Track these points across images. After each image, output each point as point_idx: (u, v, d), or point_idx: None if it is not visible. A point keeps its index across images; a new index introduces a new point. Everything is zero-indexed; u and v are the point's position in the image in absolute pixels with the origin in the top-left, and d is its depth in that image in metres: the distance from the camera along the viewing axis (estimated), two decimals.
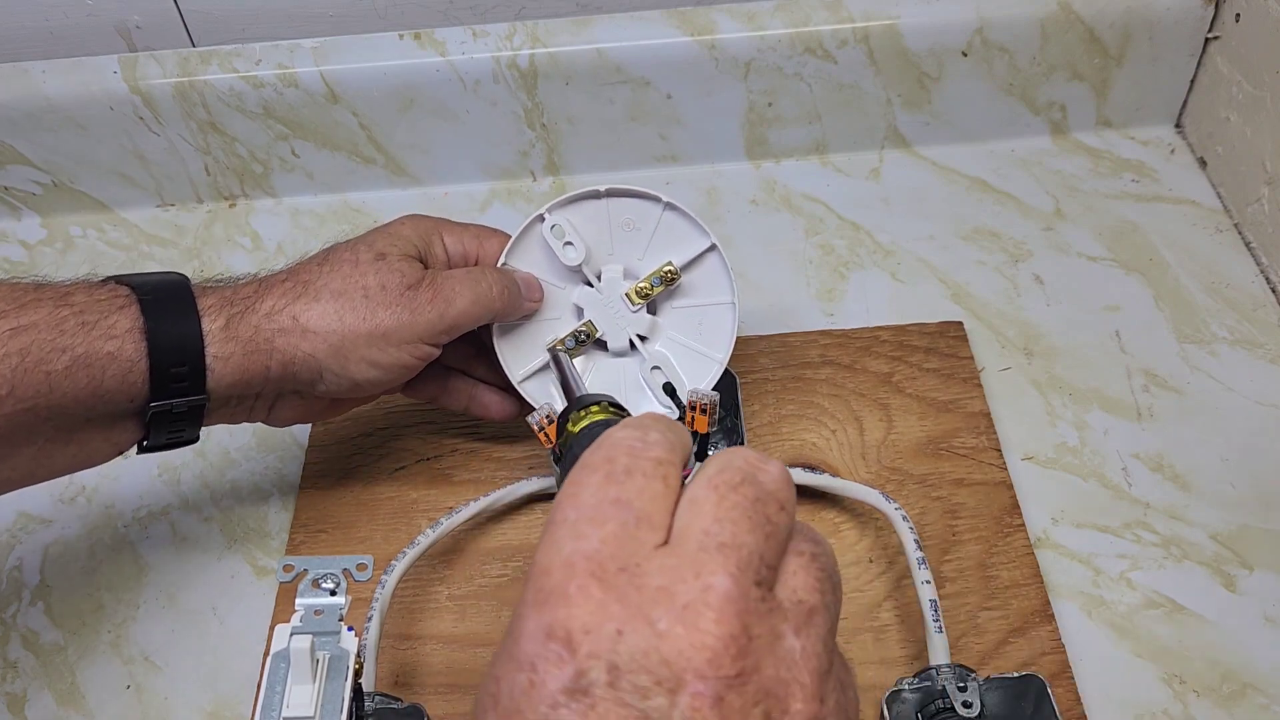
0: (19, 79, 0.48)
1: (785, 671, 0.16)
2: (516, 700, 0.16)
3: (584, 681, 0.15)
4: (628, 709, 0.15)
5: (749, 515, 0.18)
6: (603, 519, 0.17)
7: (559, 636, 0.16)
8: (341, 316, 0.32)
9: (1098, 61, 0.48)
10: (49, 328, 0.29)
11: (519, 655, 0.16)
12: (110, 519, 0.40)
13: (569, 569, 0.17)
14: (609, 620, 0.16)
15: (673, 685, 0.15)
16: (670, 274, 0.35)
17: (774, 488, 0.19)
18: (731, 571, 0.16)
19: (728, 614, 0.16)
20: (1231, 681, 0.33)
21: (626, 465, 0.18)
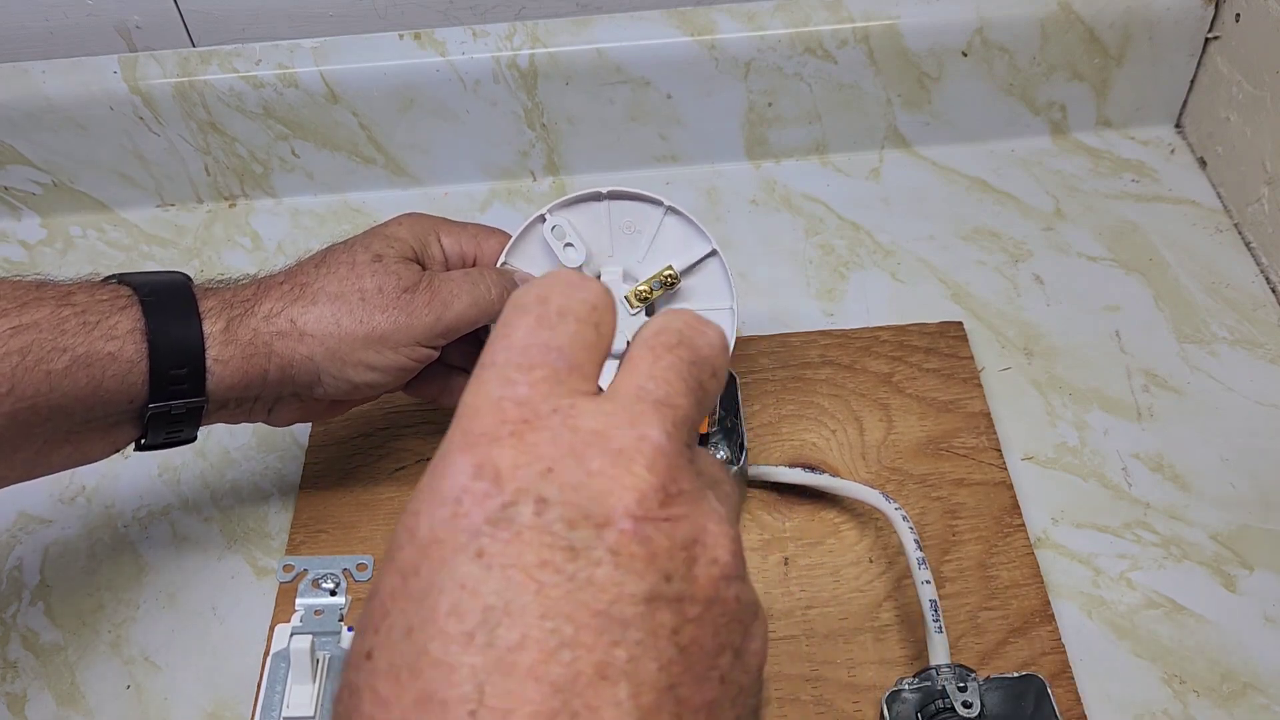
0: (19, 79, 0.48)
1: (713, 524, 0.16)
2: (437, 531, 0.15)
3: (510, 512, 0.15)
4: (553, 537, 0.15)
5: (683, 377, 0.18)
6: (532, 364, 0.17)
7: (487, 474, 0.15)
8: (338, 320, 0.32)
9: (1098, 61, 0.48)
10: (50, 327, 0.29)
11: (443, 490, 0.16)
12: (110, 519, 0.40)
13: (498, 411, 0.16)
14: (539, 459, 0.16)
15: (600, 520, 0.15)
16: (670, 278, 0.35)
17: (709, 353, 0.18)
18: (666, 428, 0.16)
19: (659, 465, 0.16)
20: (1231, 681, 0.33)
21: (560, 307, 0.18)
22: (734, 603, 0.16)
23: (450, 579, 0.15)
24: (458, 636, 0.14)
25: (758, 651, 0.17)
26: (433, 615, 0.15)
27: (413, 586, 0.15)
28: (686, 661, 0.15)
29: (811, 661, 0.34)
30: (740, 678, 0.16)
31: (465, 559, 0.15)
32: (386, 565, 0.16)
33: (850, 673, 0.33)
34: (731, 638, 0.16)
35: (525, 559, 0.15)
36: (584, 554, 0.15)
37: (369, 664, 0.15)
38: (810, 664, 0.34)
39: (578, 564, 0.15)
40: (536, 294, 0.18)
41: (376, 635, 0.15)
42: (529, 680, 0.14)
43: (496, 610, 0.14)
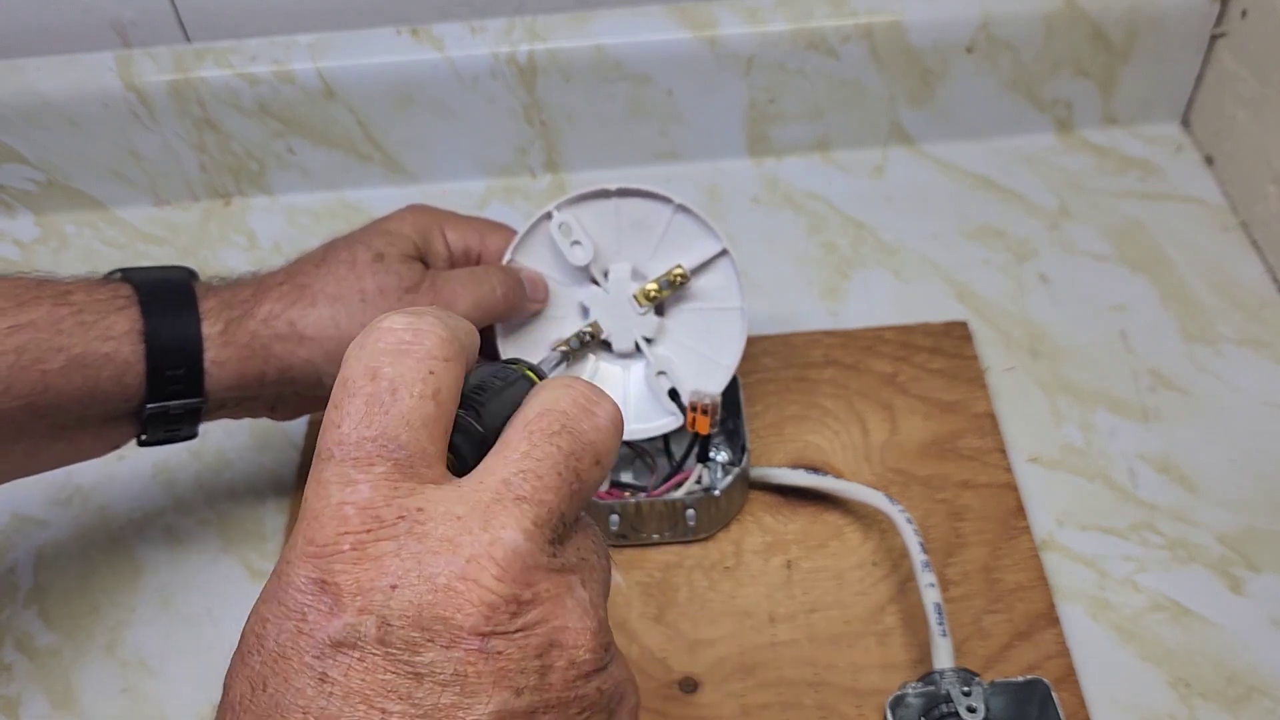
0: (13, 76, 0.47)
1: (574, 621, 0.16)
2: (284, 645, 0.15)
3: (353, 635, 0.15)
4: (397, 664, 0.14)
5: (558, 470, 0.17)
6: (369, 459, 0.16)
7: (330, 590, 0.15)
8: (337, 322, 0.31)
9: (1103, 58, 0.48)
10: (47, 326, 0.29)
11: (288, 602, 0.15)
12: (105, 521, 0.40)
13: (340, 521, 0.15)
14: (383, 575, 0.15)
15: (446, 641, 0.15)
16: (680, 278, 0.35)
17: (594, 438, 0.17)
18: (525, 527, 0.16)
19: (513, 569, 0.15)
20: (1237, 685, 0.33)
21: (391, 380, 0.16)
22: (594, 695, 0.16)
23: (295, 702, 0.15)
24: None
25: None
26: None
27: (259, 702, 0.15)
28: None
29: (814, 666, 0.33)
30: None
31: (309, 681, 0.15)
32: (238, 671, 0.16)
33: (853, 677, 0.33)
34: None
35: (368, 686, 0.14)
36: (429, 678, 0.14)
37: None
38: (813, 668, 0.33)
39: (423, 690, 0.14)
40: (365, 366, 0.17)
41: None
42: None
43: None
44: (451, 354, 0.17)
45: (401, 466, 0.16)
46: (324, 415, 0.17)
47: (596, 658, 0.16)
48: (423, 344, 0.17)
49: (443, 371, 0.17)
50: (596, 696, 0.16)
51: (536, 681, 0.15)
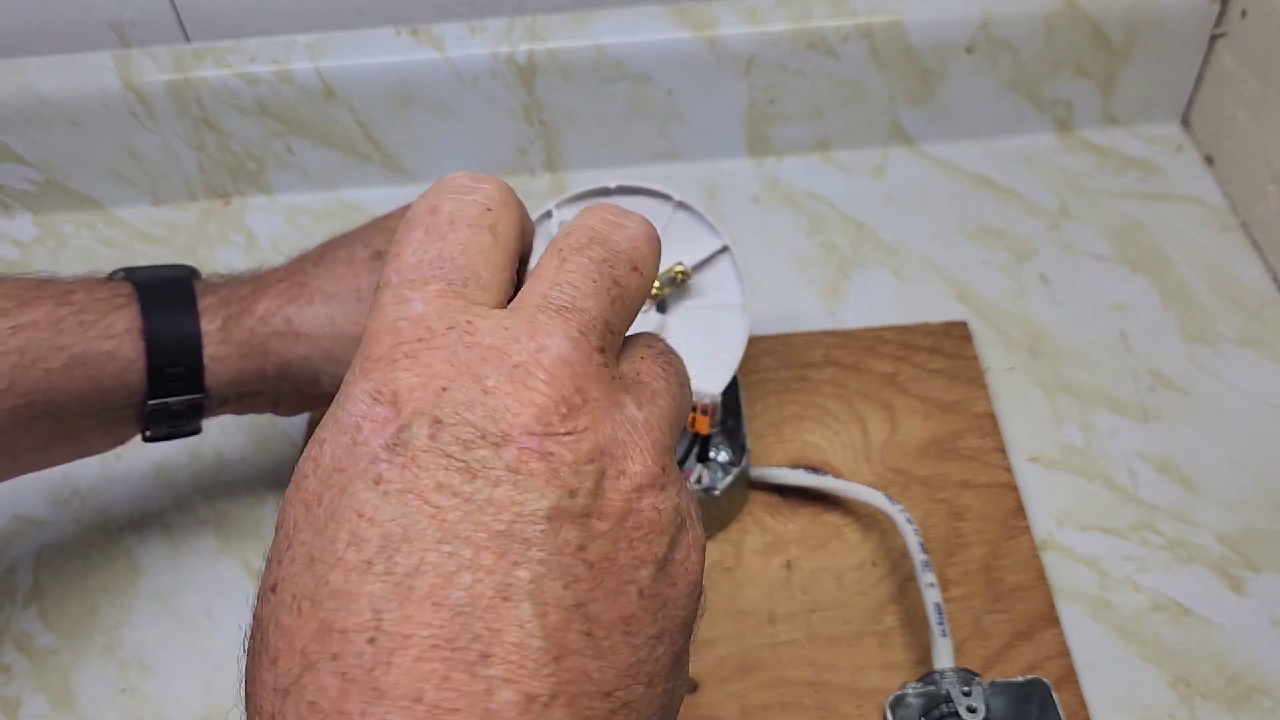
0: (12, 76, 0.47)
1: (624, 434, 0.16)
2: (339, 459, 0.15)
3: (405, 435, 0.15)
4: (449, 460, 0.14)
5: (593, 277, 0.17)
6: (425, 279, 0.16)
7: (384, 399, 0.15)
8: (333, 320, 0.31)
9: (1103, 58, 0.48)
10: (48, 326, 0.29)
11: (344, 419, 0.15)
12: (104, 521, 0.40)
13: (395, 334, 0.16)
14: (435, 378, 0.15)
15: (497, 439, 0.15)
16: (680, 274, 0.35)
17: (626, 246, 0.18)
18: (571, 335, 0.16)
19: (561, 375, 0.15)
20: (1238, 685, 0.33)
21: (450, 214, 0.17)
22: (651, 513, 0.16)
23: (349, 507, 0.15)
24: (356, 565, 0.14)
25: (684, 562, 0.16)
26: (332, 545, 0.14)
27: (315, 516, 0.15)
28: (596, 578, 0.15)
29: (814, 666, 0.33)
30: (664, 590, 0.16)
31: (364, 486, 0.15)
32: (292, 496, 0.16)
33: (854, 677, 0.33)
34: (651, 550, 0.15)
35: (421, 483, 0.14)
36: (482, 474, 0.14)
37: (274, 597, 0.15)
38: (813, 668, 0.33)
39: (475, 485, 0.14)
40: (427, 204, 0.17)
41: (280, 567, 0.15)
42: (426, 605, 0.14)
43: (395, 537, 0.14)
44: (510, 200, 0.18)
45: (455, 285, 0.16)
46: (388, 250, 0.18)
47: (649, 474, 0.16)
48: (482, 187, 0.18)
49: (500, 211, 0.17)
50: (654, 515, 0.16)
51: (591, 485, 0.15)
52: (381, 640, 0.13)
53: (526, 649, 0.14)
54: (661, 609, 0.16)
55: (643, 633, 0.15)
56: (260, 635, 0.15)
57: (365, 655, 0.13)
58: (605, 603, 0.15)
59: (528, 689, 0.14)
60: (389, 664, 0.13)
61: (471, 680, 0.13)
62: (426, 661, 0.13)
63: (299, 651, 0.14)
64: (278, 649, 0.14)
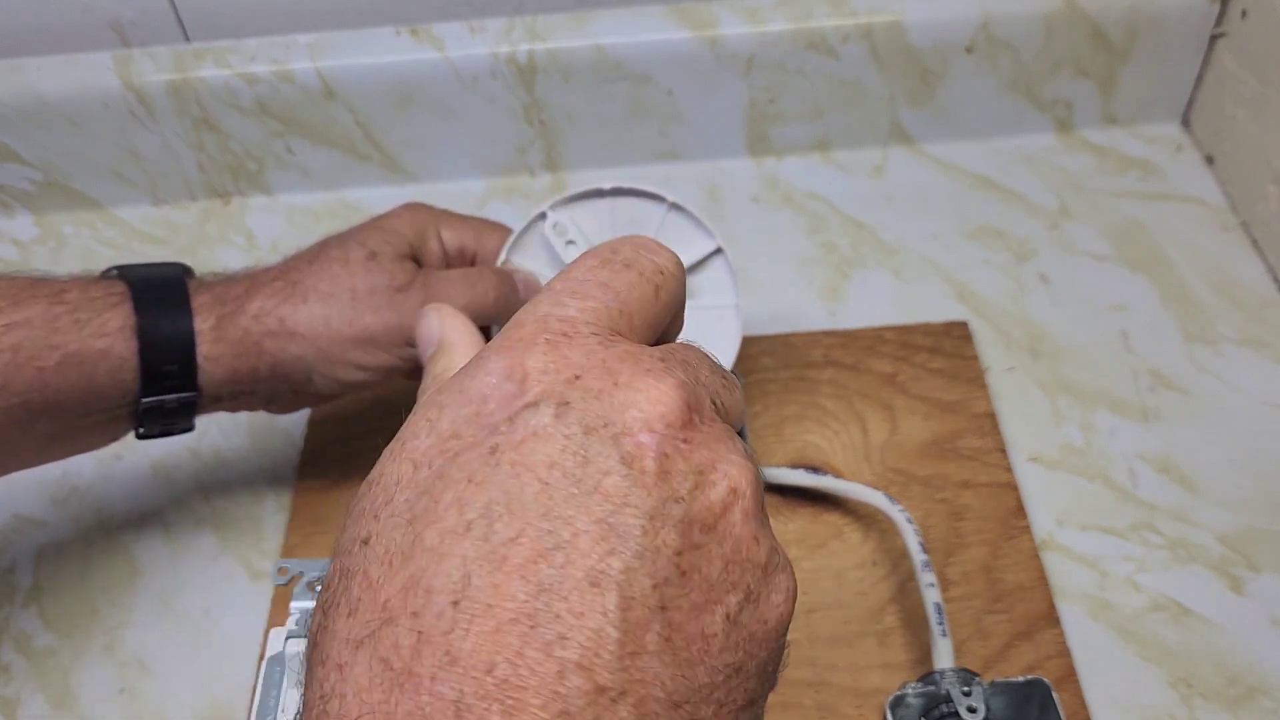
0: (12, 75, 0.47)
1: (737, 458, 0.16)
2: (458, 426, 0.15)
3: (529, 412, 0.15)
4: (568, 441, 0.15)
5: (709, 364, 0.18)
6: (586, 294, 0.17)
7: (516, 375, 0.15)
8: (328, 320, 0.31)
9: (1103, 58, 0.48)
10: (42, 325, 0.29)
11: (470, 389, 0.16)
12: (103, 520, 0.40)
13: (542, 325, 0.16)
14: (569, 366, 0.16)
15: (618, 430, 0.15)
16: None
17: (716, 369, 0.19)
18: (690, 381, 0.17)
19: (687, 391, 0.16)
20: (1238, 685, 0.33)
21: (626, 259, 0.18)
22: (749, 541, 0.16)
23: (460, 472, 0.15)
24: (455, 526, 0.14)
25: (776, 605, 0.16)
26: (435, 504, 0.14)
27: (421, 477, 0.15)
28: (686, 585, 0.15)
29: (815, 666, 0.33)
30: (750, 624, 0.15)
31: (478, 455, 0.15)
32: (395, 453, 0.16)
33: (854, 677, 0.33)
34: (744, 578, 0.15)
35: (536, 459, 0.14)
36: (595, 462, 0.15)
37: (365, 549, 0.15)
38: (813, 668, 0.33)
39: (587, 470, 0.15)
40: (609, 245, 0.18)
41: (376, 521, 0.15)
42: (515, 576, 0.14)
43: (498, 505, 0.14)
44: (680, 276, 0.19)
45: (610, 311, 0.17)
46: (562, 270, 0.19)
47: (755, 506, 0.16)
48: (663, 253, 0.19)
49: (670, 279, 0.18)
50: (750, 545, 0.16)
51: (697, 495, 0.15)
52: (465, 604, 0.13)
53: (604, 638, 0.14)
54: (744, 642, 0.15)
55: (721, 658, 0.15)
56: (344, 585, 0.15)
57: (445, 617, 0.13)
58: (690, 614, 0.15)
59: (599, 679, 0.13)
60: (468, 630, 0.13)
61: (545, 659, 0.13)
62: (504, 634, 0.13)
63: (381, 604, 0.14)
64: (359, 600, 0.14)
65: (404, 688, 0.13)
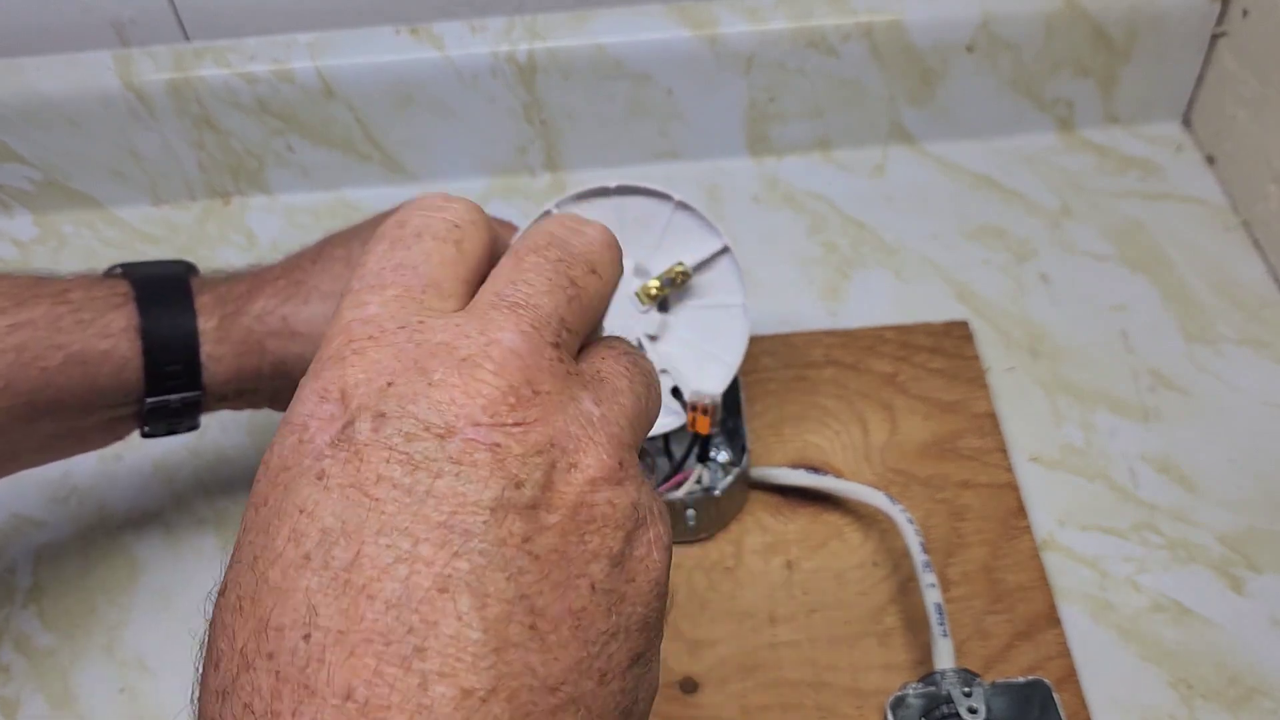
0: (12, 75, 0.47)
1: (577, 428, 0.15)
2: (285, 458, 0.15)
3: (349, 431, 0.15)
4: (391, 452, 0.14)
5: (548, 276, 0.17)
6: (384, 284, 0.16)
7: (331, 396, 0.15)
8: (330, 319, 0.31)
9: (1104, 58, 0.48)
10: (45, 325, 0.29)
11: (292, 419, 0.15)
12: (103, 520, 0.40)
13: (346, 334, 0.16)
14: (381, 374, 0.15)
15: (442, 430, 0.14)
16: (680, 275, 0.35)
17: (584, 249, 0.18)
18: (523, 329, 0.16)
19: (510, 367, 0.15)
20: (1238, 686, 0.33)
21: (417, 227, 0.17)
22: (605, 507, 0.15)
23: (292, 504, 0.14)
24: (295, 560, 0.14)
25: (645, 559, 0.16)
26: (273, 542, 0.14)
27: (261, 517, 0.15)
28: (543, 570, 0.14)
29: (815, 666, 0.33)
30: (621, 586, 0.15)
31: (306, 483, 0.15)
32: (249, 500, 0.16)
33: (854, 678, 0.33)
34: (605, 545, 0.15)
35: (363, 476, 0.14)
36: (424, 466, 0.14)
37: (222, 599, 0.15)
38: (814, 669, 0.33)
39: (416, 476, 0.14)
40: (395, 219, 0.18)
41: (229, 570, 0.15)
42: (362, 599, 0.13)
43: (334, 531, 0.14)
44: (478, 220, 0.18)
45: (413, 291, 0.16)
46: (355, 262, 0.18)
47: (603, 468, 0.15)
48: (452, 206, 0.18)
49: (468, 229, 0.17)
50: (608, 510, 0.15)
51: (539, 477, 0.15)
52: (316, 636, 0.13)
53: (463, 641, 0.13)
54: (616, 605, 0.15)
55: (594, 628, 0.15)
56: (210, 638, 0.15)
57: (299, 652, 0.13)
58: (552, 596, 0.14)
59: (464, 683, 0.13)
60: (321, 661, 0.13)
61: (405, 675, 0.13)
62: (359, 657, 0.13)
63: (238, 651, 0.14)
64: (220, 651, 0.14)
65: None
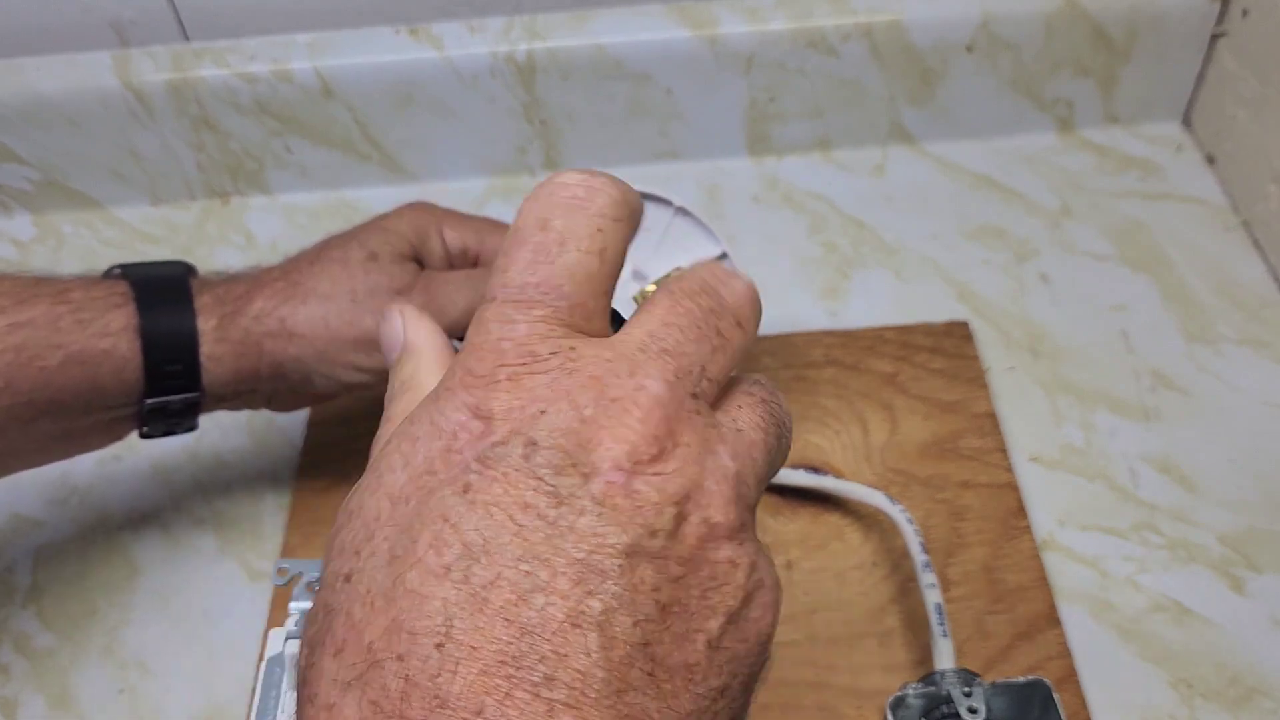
0: (12, 75, 0.47)
1: (712, 483, 0.16)
2: (432, 461, 0.15)
3: (499, 451, 0.15)
4: (539, 482, 0.15)
5: (698, 324, 0.17)
6: (531, 302, 0.16)
7: (482, 415, 0.15)
8: (327, 321, 0.31)
9: (1104, 57, 0.48)
10: (45, 324, 0.29)
11: (441, 424, 0.16)
12: (102, 521, 0.40)
13: (498, 354, 0.16)
14: (534, 402, 0.15)
15: (588, 470, 0.15)
16: None
17: (734, 302, 0.18)
18: (668, 378, 0.16)
19: (655, 415, 0.15)
20: (1238, 685, 0.33)
21: (561, 233, 0.17)
22: (726, 566, 0.16)
23: (435, 511, 0.15)
24: (435, 569, 0.14)
25: (758, 621, 0.16)
26: (414, 545, 0.14)
27: (400, 514, 0.15)
28: (665, 619, 0.15)
29: (815, 666, 0.33)
30: (733, 645, 0.16)
31: (452, 493, 0.15)
32: (373, 487, 0.16)
33: (854, 678, 0.33)
34: (724, 602, 0.15)
35: (509, 500, 0.14)
36: (568, 501, 0.15)
37: (348, 586, 0.15)
38: (814, 669, 0.33)
39: (560, 510, 0.14)
40: (537, 217, 0.17)
41: (357, 558, 0.15)
42: (498, 620, 0.14)
43: (475, 547, 0.14)
44: (621, 215, 0.18)
45: (560, 313, 0.16)
46: (495, 262, 0.18)
47: (729, 524, 0.16)
48: (595, 201, 0.17)
49: (611, 231, 0.17)
50: (729, 568, 0.16)
51: (671, 527, 0.15)
52: (449, 648, 0.14)
53: (590, 678, 0.14)
54: (728, 663, 0.16)
55: (705, 684, 0.15)
56: (328, 623, 0.15)
57: (431, 660, 0.13)
58: (671, 646, 0.15)
59: (587, 717, 0.14)
60: (454, 673, 0.13)
61: (533, 701, 0.13)
62: (491, 676, 0.13)
63: (366, 646, 0.14)
64: (344, 640, 0.14)
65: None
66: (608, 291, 0.17)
